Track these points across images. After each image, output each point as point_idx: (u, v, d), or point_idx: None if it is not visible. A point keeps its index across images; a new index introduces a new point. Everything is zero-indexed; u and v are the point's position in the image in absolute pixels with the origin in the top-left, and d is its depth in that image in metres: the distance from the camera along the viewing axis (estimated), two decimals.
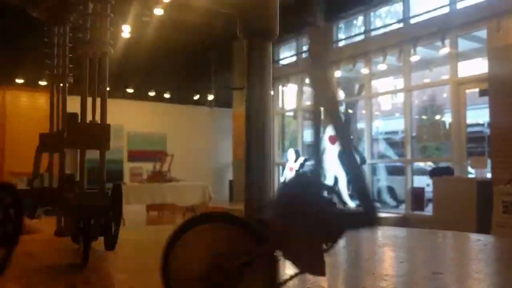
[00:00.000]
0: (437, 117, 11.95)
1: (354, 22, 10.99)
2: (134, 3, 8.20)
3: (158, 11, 8.42)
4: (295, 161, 11.10)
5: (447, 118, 9.11)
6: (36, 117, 11.31)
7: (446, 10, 8.41)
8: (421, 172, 11.04)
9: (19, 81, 11.19)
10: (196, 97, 13.60)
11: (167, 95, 13.16)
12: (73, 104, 3.62)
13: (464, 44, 8.39)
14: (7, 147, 10.82)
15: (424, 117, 12.70)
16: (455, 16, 8.17)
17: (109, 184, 3.25)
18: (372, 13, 10.11)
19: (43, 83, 11.10)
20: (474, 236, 4.49)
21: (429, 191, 8.49)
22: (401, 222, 8.33)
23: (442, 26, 8.04)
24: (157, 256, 1.33)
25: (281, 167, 12.13)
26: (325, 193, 1.04)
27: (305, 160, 10.99)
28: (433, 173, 8.30)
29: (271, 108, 0.95)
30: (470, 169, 8.33)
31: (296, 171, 10.93)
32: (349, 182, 9.60)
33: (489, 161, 7.59)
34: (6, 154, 10.77)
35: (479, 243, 3.88)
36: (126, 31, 8.81)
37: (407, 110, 9.23)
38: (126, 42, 9.08)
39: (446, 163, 8.66)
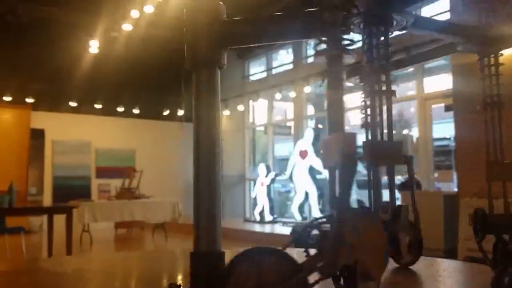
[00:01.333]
0: (405, 131, 12.18)
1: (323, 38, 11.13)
2: (103, 19, 8.12)
3: (127, 27, 8.36)
4: (266, 176, 11.10)
5: (415, 133, 9.29)
6: (3, 134, 11.03)
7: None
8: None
9: None
10: (166, 112, 13.50)
11: (136, 111, 13.02)
12: None
13: (429, 61, 8.60)
14: None
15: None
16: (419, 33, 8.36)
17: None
18: None
19: (7, 98, 10.85)
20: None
21: (397, 204, 8.59)
22: None
23: (408, 43, 8.23)
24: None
25: (252, 183, 12.11)
26: None
27: (276, 175, 11.01)
28: (401, 187, 8.41)
29: (219, 143, 0.93)
30: (437, 183, 8.49)
31: (267, 186, 10.94)
32: (319, 197, 9.64)
33: (455, 175, 7.75)
34: None
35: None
36: (94, 46, 8.71)
37: None
38: (94, 58, 8.97)
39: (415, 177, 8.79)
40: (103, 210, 8.48)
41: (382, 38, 1.24)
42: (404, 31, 1.30)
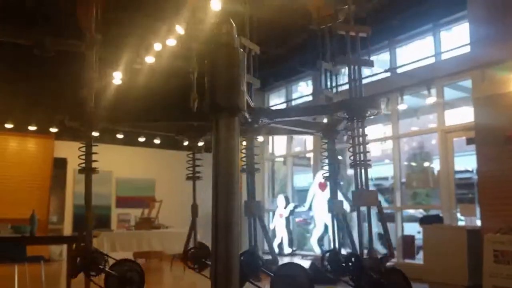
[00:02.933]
0: (426, 163, 12.03)
1: (343, 71, 11.18)
2: (126, 52, 8.32)
3: (149, 59, 8.54)
4: (285, 207, 11.03)
5: (436, 165, 9.17)
6: (27, 163, 11.23)
7: (432, 60, 8.63)
8: (413, 219, 11.00)
9: (8, 125, 11.15)
10: (186, 142, 13.58)
11: (156, 141, 13.15)
12: None
13: (450, 93, 8.56)
14: None
15: (413, 163, 12.77)
16: (440, 66, 8.37)
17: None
18: None
19: (32, 128, 11.08)
20: None
21: (420, 238, 8.44)
22: None
23: (428, 76, 8.22)
24: None
25: (271, 214, 12.03)
26: None
27: (295, 207, 10.93)
28: (423, 221, 8.26)
29: (238, 188, 0.94)
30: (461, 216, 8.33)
31: (286, 217, 10.84)
32: (339, 230, 9.49)
33: (478, 209, 7.59)
34: None
35: None
36: (117, 78, 8.90)
37: (396, 157, 9.29)
38: (117, 89, 9.15)
39: (436, 210, 8.65)
40: (122, 240, 8.49)
41: None
42: None
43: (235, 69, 0.96)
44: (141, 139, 12.90)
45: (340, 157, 11.94)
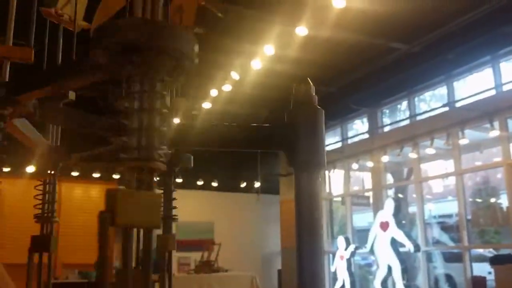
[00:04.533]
0: (493, 199, 11.48)
1: (398, 106, 11.05)
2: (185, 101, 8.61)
3: (206, 105, 8.79)
4: (346, 249, 10.76)
5: (504, 200, 8.73)
6: (91, 209, 11.66)
7: (492, 92, 8.36)
8: (481, 258, 10.43)
9: (74, 173, 11.69)
10: (243, 184, 13.71)
11: (214, 184, 13.35)
12: None
13: None
14: (60, 238, 11.08)
15: (478, 199, 12.22)
16: (502, 97, 8.09)
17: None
18: (416, 98, 10.17)
19: (96, 175, 11.55)
20: None
21: (491, 279, 7.96)
22: None
23: (490, 108, 7.95)
24: None
25: (331, 255, 11.77)
26: None
27: (356, 248, 10.64)
28: (494, 261, 7.81)
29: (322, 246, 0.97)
30: None
31: (347, 259, 10.57)
32: (403, 272, 9.14)
33: None
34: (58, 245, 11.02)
35: None
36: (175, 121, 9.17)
37: (460, 193, 8.93)
38: (174, 134, 9.39)
39: (507, 249, 8.17)
40: (183, 284, 8.55)
41: None
42: None
43: (318, 127, 1.00)
44: (200, 182, 13.13)
45: (400, 195, 11.63)
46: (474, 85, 9.02)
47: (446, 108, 9.23)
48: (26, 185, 11.61)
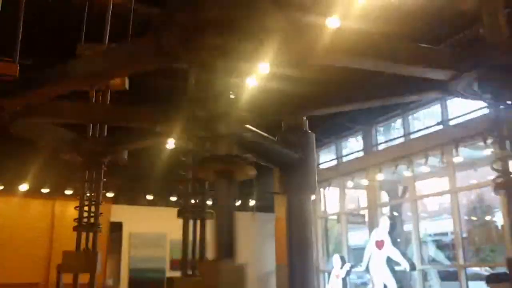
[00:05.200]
0: (488, 217, 11.46)
1: (393, 124, 11.09)
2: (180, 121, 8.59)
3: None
4: (341, 267, 10.69)
5: (499, 219, 8.73)
6: None
7: (486, 110, 8.41)
8: (478, 277, 10.36)
9: (68, 192, 11.59)
10: (238, 202, 13.65)
11: (209, 202, 13.26)
12: None
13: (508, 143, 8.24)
14: (53, 259, 10.94)
15: (473, 217, 12.19)
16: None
17: None
18: (410, 116, 10.22)
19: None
20: None
21: None
22: None
23: (484, 127, 7.99)
24: None
25: (326, 274, 11.68)
26: None
27: (351, 267, 10.57)
28: (491, 279, 7.76)
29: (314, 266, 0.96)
30: None
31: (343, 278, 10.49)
32: None
33: None
34: (52, 265, 10.87)
35: None
36: (171, 143, 9.14)
37: (455, 211, 8.92)
38: (170, 154, 9.37)
39: (503, 267, 8.12)
40: None
41: None
42: None
43: (310, 153, 1.00)
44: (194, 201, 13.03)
45: (395, 213, 11.61)
46: (468, 103, 9.07)
47: (440, 126, 9.27)
48: (18, 203, 11.49)
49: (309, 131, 0.93)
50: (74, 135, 3.56)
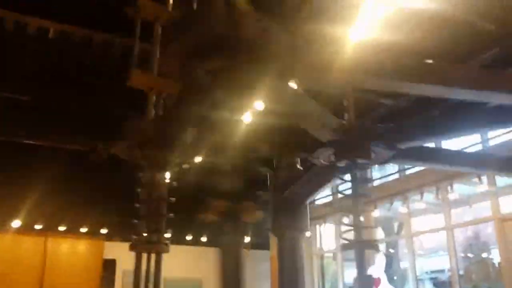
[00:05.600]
0: (484, 254, 11.35)
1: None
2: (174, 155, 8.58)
3: (198, 159, 8.76)
4: None
5: (495, 255, 8.66)
6: (77, 265, 11.34)
7: (479, 147, 8.48)
8: None
9: (61, 228, 11.45)
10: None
11: (203, 239, 13.11)
12: None
13: (502, 180, 8.28)
14: None
15: (470, 254, 12.08)
16: (489, 152, 8.19)
17: None
18: None
19: (84, 229, 11.32)
20: None
21: None
22: None
23: (477, 163, 8.03)
24: None
25: None
26: None
27: None
28: None
29: None
30: None
31: None
32: None
33: None
34: None
35: None
36: (166, 178, 9.12)
37: (451, 248, 8.87)
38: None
39: None
40: None
41: None
42: None
43: (299, 196, 1.01)
44: (188, 237, 12.91)
45: (391, 250, 11.51)
46: (461, 139, 9.14)
47: None
48: (11, 240, 11.32)
49: (301, 168, 0.92)
50: None
